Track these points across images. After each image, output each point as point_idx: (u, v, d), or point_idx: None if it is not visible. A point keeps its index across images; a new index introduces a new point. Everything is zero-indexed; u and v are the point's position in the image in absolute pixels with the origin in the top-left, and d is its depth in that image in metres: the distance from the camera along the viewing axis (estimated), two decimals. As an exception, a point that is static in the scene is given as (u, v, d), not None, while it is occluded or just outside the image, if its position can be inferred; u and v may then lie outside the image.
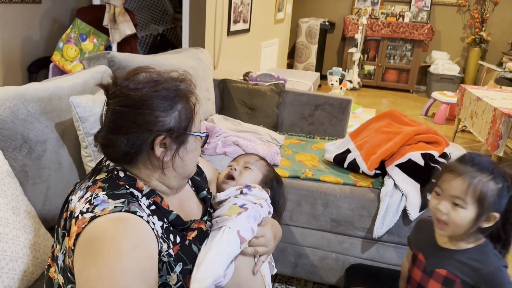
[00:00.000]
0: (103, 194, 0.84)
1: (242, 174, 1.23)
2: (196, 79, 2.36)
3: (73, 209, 0.84)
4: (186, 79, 0.95)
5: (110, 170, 0.91)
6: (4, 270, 1.06)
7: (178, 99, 0.89)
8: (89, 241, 0.78)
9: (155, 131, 0.87)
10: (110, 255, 0.76)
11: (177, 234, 0.93)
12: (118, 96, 0.87)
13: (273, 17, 4.77)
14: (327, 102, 2.58)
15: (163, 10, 3.88)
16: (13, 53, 3.00)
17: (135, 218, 0.81)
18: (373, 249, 1.77)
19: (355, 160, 1.89)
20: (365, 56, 6.63)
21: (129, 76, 0.90)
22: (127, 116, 0.86)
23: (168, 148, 0.90)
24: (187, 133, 0.92)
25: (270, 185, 1.28)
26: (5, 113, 1.27)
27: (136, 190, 0.89)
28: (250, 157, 1.32)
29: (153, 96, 0.86)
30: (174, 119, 0.88)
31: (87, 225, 0.79)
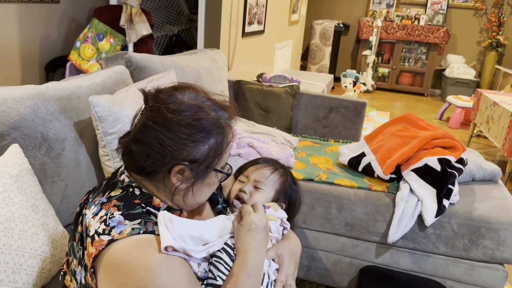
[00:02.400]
0: (118, 214, 0.81)
1: (253, 196, 1.15)
2: (211, 80, 2.38)
3: (88, 226, 0.82)
4: (230, 107, 0.89)
5: (125, 187, 0.88)
6: (23, 266, 1.07)
7: (214, 134, 0.84)
8: (114, 267, 0.77)
9: (178, 158, 0.83)
10: (144, 276, 0.75)
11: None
12: (155, 112, 0.83)
13: (288, 18, 4.77)
14: (341, 104, 2.56)
15: (179, 11, 3.90)
16: (31, 52, 3.04)
17: (153, 237, 0.80)
18: (387, 254, 1.76)
19: (370, 164, 1.88)
20: (379, 58, 6.59)
21: (172, 92, 0.85)
22: (155, 133, 0.81)
23: (185, 179, 0.85)
24: (210, 169, 0.87)
25: (284, 196, 1.22)
26: (25, 111, 1.29)
27: (153, 208, 0.87)
28: (260, 172, 1.21)
29: (191, 124, 0.81)
30: (202, 152, 0.83)
31: (105, 248, 0.77)
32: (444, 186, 1.68)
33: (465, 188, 1.83)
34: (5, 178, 1.12)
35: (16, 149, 1.23)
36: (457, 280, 1.70)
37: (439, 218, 1.65)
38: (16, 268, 1.05)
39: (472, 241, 1.64)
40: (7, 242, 1.04)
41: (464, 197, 1.75)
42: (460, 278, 1.70)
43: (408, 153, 1.81)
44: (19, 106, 1.28)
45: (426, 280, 1.68)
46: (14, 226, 1.07)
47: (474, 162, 1.92)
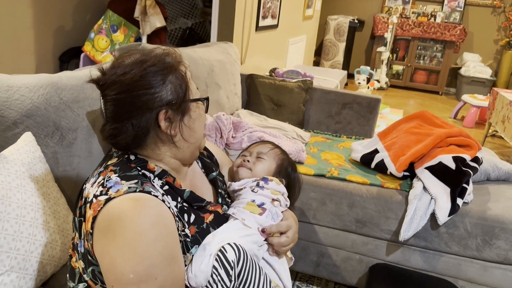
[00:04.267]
0: (115, 176, 0.84)
1: (255, 165, 1.19)
2: (224, 73, 2.36)
3: (87, 195, 0.85)
4: (170, 52, 0.95)
5: (121, 155, 0.93)
6: (34, 254, 1.08)
7: (167, 71, 0.89)
8: (108, 223, 0.78)
9: (155, 108, 0.87)
10: (131, 236, 0.76)
11: (192, 213, 0.93)
12: (110, 86, 0.88)
13: (302, 13, 4.73)
14: (355, 100, 2.54)
15: (193, 4, 3.89)
16: (46, 43, 3.06)
17: (150, 197, 0.81)
18: (398, 252, 1.74)
19: (383, 160, 1.85)
20: (394, 55, 6.51)
21: (114, 64, 0.91)
22: (124, 101, 0.86)
23: (173, 120, 0.90)
24: (187, 101, 0.92)
25: (284, 173, 1.23)
26: (38, 100, 1.29)
27: (148, 171, 0.90)
28: (263, 146, 1.26)
29: (143, 75, 0.86)
30: (170, 91, 0.89)
31: (103, 207, 0.79)
32: (458, 185, 1.65)
33: (480, 188, 1.80)
34: (17, 165, 1.12)
35: (29, 137, 1.23)
36: (469, 280, 1.68)
37: (452, 217, 1.62)
38: (26, 255, 1.05)
39: (485, 241, 1.61)
40: (18, 229, 1.04)
41: (478, 196, 1.72)
42: (472, 278, 1.67)
43: (422, 151, 1.79)
44: (32, 95, 1.28)
45: (437, 279, 1.65)
46: (26, 214, 1.07)
47: (489, 161, 1.88)
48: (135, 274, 0.75)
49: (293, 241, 1.07)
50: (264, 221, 1.01)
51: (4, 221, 1.01)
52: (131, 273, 0.75)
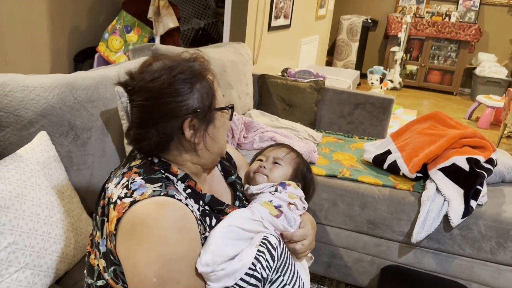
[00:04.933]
0: (139, 178, 0.85)
1: (272, 171, 1.19)
2: (236, 74, 2.37)
3: (111, 195, 0.85)
4: (198, 57, 0.95)
5: (144, 157, 0.93)
6: (48, 251, 1.09)
7: (195, 79, 0.89)
8: (132, 226, 0.79)
9: (181, 116, 0.87)
10: (156, 240, 0.77)
11: (214, 217, 0.93)
12: (138, 91, 0.88)
13: (315, 13, 4.71)
14: (368, 101, 2.52)
15: (206, 5, 3.91)
16: (61, 43, 3.10)
17: (174, 201, 0.82)
18: (410, 254, 1.72)
19: (395, 161, 1.84)
20: (407, 55, 6.45)
21: (143, 68, 0.91)
22: (151, 108, 0.87)
23: (197, 129, 0.90)
24: (213, 110, 0.92)
25: (301, 176, 1.24)
26: (53, 99, 1.32)
27: (171, 175, 0.91)
28: (279, 151, 1.26)
29: (171, 82, 0.86)
30: (197, 99, 0.89)
31: (128, 209, 0.80)
32: (472, 187, 1.63)
33: (494, 190, 1.77)
34: (32, 164, 1.14)
35: (43, 136, 1.25)
36: (483, 283, 1.66)
37: (466, 219, 1.60)
38: (41, 252, 1.07)
39: (499, 244, 1.59)
40: (33, 226, 1.06)
41: (492, 198, 1.70)
42: (485, 281, 1.65)
43: (436, 152, 1.77)
44: (47, 94, 1.30)
45: (450, 282, 1.64)
46: (40, 212, 1.09)
47: (504, 163, 1.86)
48: (158, 278, 0.77)
49: (309, 249, 1.07)
50: (279, 224, 1.01)
51: (20, 219, 1.03)
52: (154, 277, 0.76)
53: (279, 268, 0.91)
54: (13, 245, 1.01)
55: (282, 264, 0.92)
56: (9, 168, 1.08)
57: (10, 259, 1.00)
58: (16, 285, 1.02)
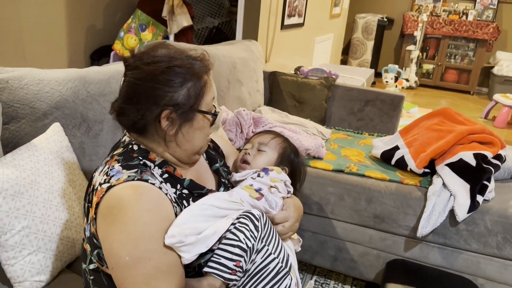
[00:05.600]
0: (118, 165, 0.89)
1: (256, 158, 1.21)
2: (246, 70, 2.41)
3: (95, 183, 0.90)
4: (204, 58, 0.96)
5: (126, 145, 0.97)
6: (59, 236, 1.15)
7: (190, 77, 0.91)
8: (108, 210, 0.84)
9: (162, 105, 0.90)
10: (127, 221, 0.82)
11: (192, 200, 0.96)
12: (133, 69, 0.91)
13: (329, 12, 4.71)
14: (378, 98, 2.53)
15: (220, 3, 3.95)
16: (78, 41, 3.18)
17: (147, 185, 0.86)
18: (416, 249, 1.73)
19: (403, 157, 1.85)
20: (424, 54, 6.40)
21: (147, 50, 0.94)
22: (138, 88, 0.90)
23: (173, 123, 0.92)
24: (194, 110, 0.94)
25: (287, 161, 1.25)
26: (67, 93, 1.37)
27: (149, 161, 0.94)
28: (263, 137, 1.27)
29: (165, 71, 0.89)
30: (183, 95, 0.91)
31: (105, 194, 0.85)
32: (478, 182, 1.63)
33: (503, 186, 1.77)
34: (46, 153, 1.20)
35: (57, 128, 1.31)
36: (489, 279, 1.66)
37: (472, 214, 1.61)
38: (53, 237, 1.12)
39: (506, 239, 1.59)
40: (45, 212, 1.11)
41: (500, 194, 1.70)
42: (491, 277, 1.65)
43: (443, 147, 1.77)
44: (61, 88, 1.36)
45: (455, 276, 1.64)
46: (53, 198, 1.15)
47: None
48: (131, 256, 0.81)
49: (292, 231, 1.09)
50: (260, 206, 1.03)
51: (33, 204, 1.09)
52: (127, 256, 0.81)
53: (263, 238, 0.94)
54: (26, 229, 1.06)
55: (266, 234, 0.94)
56: (24, 156, 1.14)
57: (23, 242, 1.06)
58: (29, 267, 1.07)
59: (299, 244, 1.17)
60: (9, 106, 1.24)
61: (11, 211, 1.04)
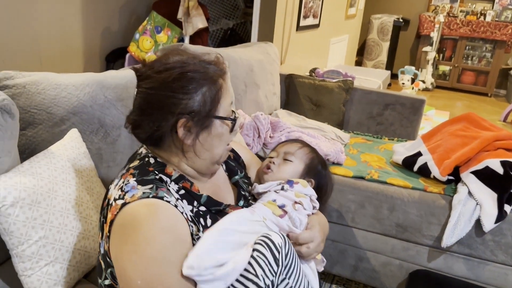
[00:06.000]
0: (133, 180, 0.85)
1: (281, 167, 1.13)
2: (263, 73, 2.37)
3: (110, 196, 0.87)
4: (218, 62, 0.93)
5: (142, 158, 0.93)
6: (77, 246, 1.12)
7: (204, 82, 0.87)
8: (121, 228, 0.80)
9: (177, 113, 0.85)
10: (140, 242, 0.77)
11: (210, 217, 0.91)
12: (145, 79, 0.88)
13: (344, 12, 4.66)
14: (398, 101, 2.47)
15: (235, 5, 3.92)
16: (93, 43, 3.18)
17: (162, 203, 0.82)
18: (440, 259, 1.68)
19: (426, 164, 1.79)
20: (440, 55, 6.29)
21: (159, 58, 0.90)
22: (151, 98, 0.86)
23: (190, 132, 0.88)
24: (211, 116, 0.89)
25: (314, 173, 1.17)
26: (84, 98, 1.35)
27: (165, 176, 0.89)
28: (290, 146, 1.18)
29: (178, 78, 0.85)
30: (198, 102, 0.86)
31: (119, 211, 0.81)
32: (506, 191, 1.57)
33: (531, 194, 1.70)
34: (63, 160, 1.17)
35: (75, 134, 1.28)
36: (517, 292, 1.60)
37: (499, 224, 1.55)
38: (70, 247, 1.10)
39: (536, 252, 1.53)
40: (63, 222, 1.09)
41: (529, 203, 1.63)
42: (520, 290, 1.59)
43: (468, 154, 1.72)
44: (78, 92, 1.33)
45: (482, 289, 1.59)
46: (70, 207, 1.12)
47: None
48: (143, 280, 0.76)
49: (316, 252, 1.02)
50: (284, 225, 0.97)
51: (50, 214, 1.06)
52: (138, 279, 0.76)
53: (284, 271, 0.86)
54: (43, 239, 1.04)
55: (287, 266, 0.86)
56: (41, 164, 1.11)
57: (40, 252, 1.03)
58: (46, 278, 1.04)
59: (322, 264, 1.09)
60: (26, 111, 1.22)
61: (28, 221, 1.01)
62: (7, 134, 1.08)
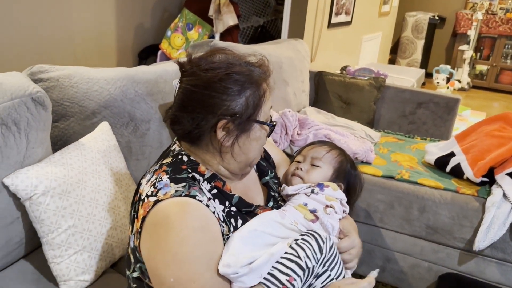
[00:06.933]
0: (166, 177, 0.85)
1: (309, 173, 1.09)
2: (292, 70, 2.35)
3: (142, 191, 0.87)
4: (263, 64, 0.92)
5: (175, 155, 0.92)
6: (104, 236, 1.14)
7: (248, 85, 0.87)
8: (153, 227, 0.80)
9: (218, 114, 0.85)
10: (173, 240, 0.78)
11: (240, 218, 0.91)
12: (190, 75, 0.87)
13: (378, 9, 4.57)
14: (432, 100, 2.40)
15: (266, 2, 3.91)
16: (127, 40, 3.24)
17: (194, 202, 0.82)
18: (471, 263, 1.62)
19: (459, 164, 1.74)
20: (477, 54, 6.08)
21: (205, 55, 0.90)
22: (194, 96, 0.86)
23: (229, 134, 0.88)
24: (252, 120, 0.89)
25: (344, 176, 1.13)
26: (116, 92, 1.37)
27: (198, 174, 0.89)
28: (317, 150, 1.14)
29: (223, 78, 0.85)
30: (241, 104, 0.86)
31: (151, 209, 0.81)
32: (545, 194, 1.50)
33: None
34: (93, 152, 1.20)
35: (105, 127, 1.31)
36: (555, 300, 1.52)
37: (537, 229, 1.48)
38: (98, 236, 1.12)
39: None
40: (91, 212, 1.11)
41: None
42: (558, 299, 1.52)
43: (504, 155, 1.65)
44: (110, 86, 1.36)
45: (516, 296, 1.52)
46: (99, 198, 1.15)
47: None
48: (176, 278, 0.77)
49: (357, 258, 1.00)
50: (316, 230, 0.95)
51: (80, 203, 1.09)
52: (171, 277, 0.77)
53: (327, 262, 0.86)
54: (72, 228, 1.07)
55: (330, 259, 0.87)
56: (72, 155, 1.14)
57: (69, 241, 1.06)
58: (74, 266, 1.07)
59: (352, 269, 1.06)
60: (59, 104, 1.25)
61: (58, 210, 1.04)
62: (40, 126, 1.11)
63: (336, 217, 1.00)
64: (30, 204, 1.02)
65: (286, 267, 0.80)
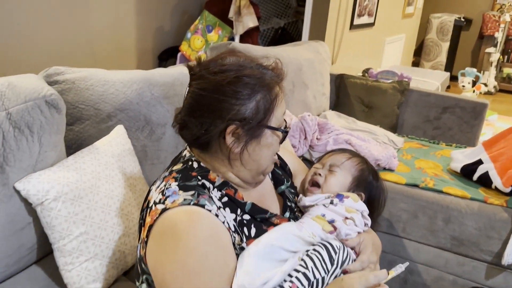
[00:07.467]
0: (175, 185, 0.82)
1: (328, 180, 1.04)
2: (312, 73, 2.30)
3: (150, 198, 0.84)
4: (277, 67, 0.87)
5: (186, 161, 0.89)
6: (117, 243, 1.12)
7: (260, 88, 0.82)
8: (160, 236, 0.77)
9: (227, 119, 0.81)
10: (181, 252, 0.74)
11: (254, 226, 0.87)
12: (199, 78, 0.84)
13: (402, 11, 4.47)
14: (458, 104, 2.31)
15: (287, 4, 3.87)
16: (146, 42, 3.24)
17: (203, 211, 0.78)
18: (499, 277, 1.54)
19: (487, 173, 1.66)
20: (505, 57, 5.90)
21: (215, 58, 0.86)
22: (202, 99, 0.82)
23: (239, 140, 0.84)
24: (263, 126, 0.84)
25: (365, 186, 1.07)
26: (131, 94, 1.35)
27: (208, 182, 0.86)
28: (336, 157, 1.10)
29: (232, 82, 0.81)
30: (251, 109, 0.82)
31: (158, 217, 0.78)
32: None
33: None
34: (107, 156, 1.18)
35: (121, 130, 1.29)
36: None
37: None
38: (110, 244, 1.10)
39: None
40: (104, 218, 1.09)
41: None
42: None
43: (537, 164, 1.56)
44: (126, 89, 1.34)
45: (549, 314, 1.44)
46: (112, 204, 1.12)
47: None
48: None
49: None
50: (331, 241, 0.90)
51: (92, 209, 1.06)
52: None
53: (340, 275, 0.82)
54: (84, 235, 1.04)
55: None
56: (85, 159, 1.12)
57: (81, 248, 1.04)
58: (85, 274, 1.05)
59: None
60: (74, 107, 1.23)
61: (69, 216, 1.02)
62: (54, 129, 1.09)
63: (355, 229, 0.95)
64: (42, 210, 1.00)
65: (290, 276, 0.78)
